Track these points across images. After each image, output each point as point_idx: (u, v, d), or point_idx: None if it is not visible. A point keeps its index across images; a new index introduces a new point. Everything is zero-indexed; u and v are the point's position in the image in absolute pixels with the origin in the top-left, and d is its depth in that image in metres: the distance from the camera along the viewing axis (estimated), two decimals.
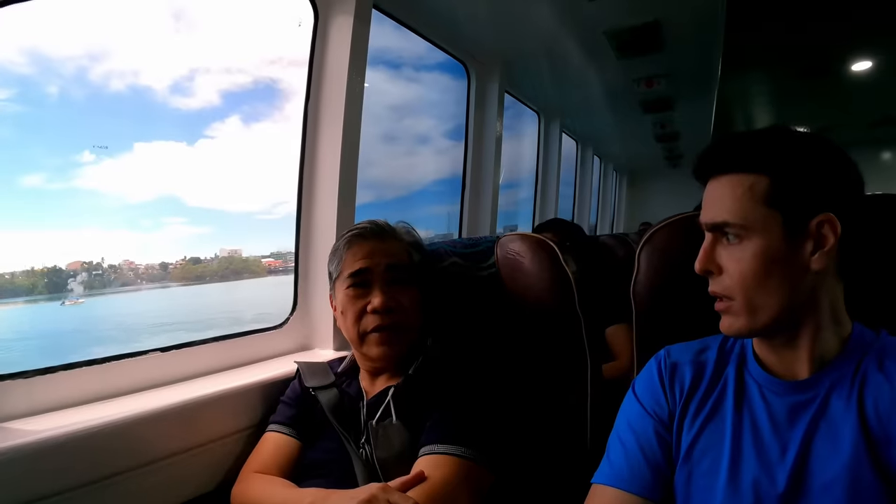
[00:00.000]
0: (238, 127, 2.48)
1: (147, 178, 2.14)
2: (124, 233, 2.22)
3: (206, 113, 2.32)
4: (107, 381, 1.42)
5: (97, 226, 2.07)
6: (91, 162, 1.99)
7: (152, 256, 2.50)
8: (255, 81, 2.42)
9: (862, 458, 0.82)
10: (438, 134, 4.17)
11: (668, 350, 1.07)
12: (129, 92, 1.99)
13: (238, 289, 3.02)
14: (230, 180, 2.50)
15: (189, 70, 2.18)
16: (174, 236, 2.48)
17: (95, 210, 2.08)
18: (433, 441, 1.19)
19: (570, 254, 1.44)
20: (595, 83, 4.23)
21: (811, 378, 0.90)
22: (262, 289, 3.02)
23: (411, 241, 1.45)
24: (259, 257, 3.10)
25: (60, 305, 2.20)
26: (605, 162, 8.16)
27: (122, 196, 2.14)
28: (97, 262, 2.19)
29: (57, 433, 1.14)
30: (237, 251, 2.97)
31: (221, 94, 2.32)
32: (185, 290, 2.70)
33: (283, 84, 2.46)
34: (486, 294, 1.51)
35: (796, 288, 0.87)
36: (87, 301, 2.24)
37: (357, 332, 1.36)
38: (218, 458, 1.44)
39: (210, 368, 1.65)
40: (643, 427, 1.01)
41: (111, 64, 1.92)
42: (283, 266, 3.04)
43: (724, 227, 0.90)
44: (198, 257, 2.77)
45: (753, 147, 0.91)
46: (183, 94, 2.19)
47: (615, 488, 0.98)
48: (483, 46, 3.28)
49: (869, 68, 5.02)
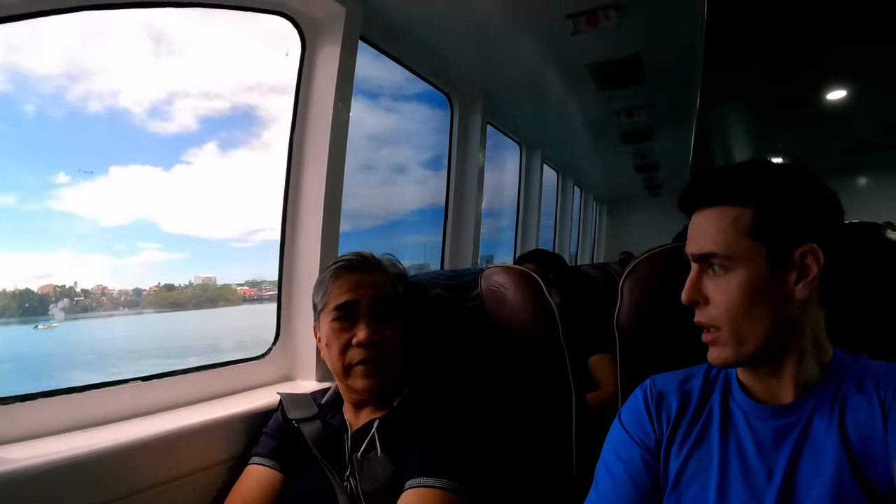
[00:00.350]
0: (215, 153, 2.48)
1: (122, 202, 2.13)
2: (96, 257, 2.20)
3: (184, 138, 2.31)
4: (86, 410, 1.40)
5: (70, 249, 2.05)
6: (66, 184, 1.98)
7: (126, 282, 2.47)
8: (234, 108, 2.42)
9: (845, 477, 0.83)
10: (416, 164, 4.18)
11: (654, 380, 1.08)
12: (107, 114, 1.99)
13: (214, 317, 2.99)
14: (206, 207, 2.49)
15: (167, 94, 2.18)
16: (147, 261, 2.46)
17: (68, 233, 2.06)
18: (418, 474, 1.18)
19: (554, 285, 1.46)
20: (576, 114, 4.28)
21: (794, 402, 0.92)
22: (239, 318, 3.00)
23: (396, 272, 1.45)
24: (234, 285, 3.08)
25: (34, 329, 2.16)
26: (585, 192, 8.24)
27: (96, 219, 2.12)
28: (70, 287, 2.16)
29: (34, 463, 1.12)
30: (212, 279, 2.93)
31: (199, 119, 2.32)
32: (159, 317, 2.67)
33: (261, 111, 2.47)
34: (470, 326, 1.52)
35: (781, 317, 0.89)
36: (61, 326, 2.20)
37: (342, 365, 1.34)
38: (199, 491, 1.41)
39: (191, 398, 1.63)
40: (630, 455, 1.02)
41: (89, 85, 1.92)
42: (257, 295, 3.04)
43: (710, 257, 0.92)
44: (172, 284, 2.74)
45: (737, 180, 0.92)
46: (161, 118, 2.18)
47: None
48: (466, 78, 3.32)
49: (843, 97, 5.12)
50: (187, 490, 1.38)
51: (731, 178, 0.93)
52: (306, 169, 2.05)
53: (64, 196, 2.01)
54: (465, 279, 1.55)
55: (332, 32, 2.04)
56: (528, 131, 4.69)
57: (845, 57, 4.15)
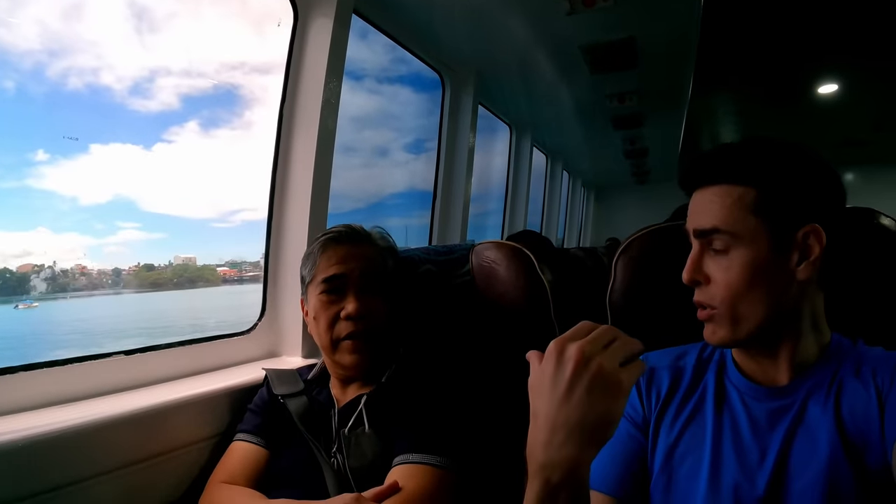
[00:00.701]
0: (196, 132, 2.43)
1: (102, 180, 2.09)
2: (75, 236, 2.16)
3: (165, 116, 2.26)
4: (68, 384, 1.37)
5: (48, 227, 2.01)
6: (45, 161, 1.94)
7: (104, 261, 2.43)
8: (216, 86, 2.37)
9: (839, 462, 0.83)
10: (398, 147, 4.17)
11: (646, 356, 1.06)
12: (88, 91, 1.94)
13: (195, 298, 2.96)
14: (186, 186, 2.44)
15: (149, 71, 2.13)
16: (126, 241, 2.41)
17: (47, 211, 2.02)
18: (407, 450, 1.17)
19: (546, 262, 1.44)
20: (567, 98, 4.26)
21: (789, 385, 0.91)
22: (220, 298, 2.97)
23: (386, 246, 1.43)
24: (214, 266, 3.05)
25: (14, 308, 2.13)
26: (573, 177, 8.24)
27: (76, 198, 2.08)
28: (49, 266, 2.12)
29: (13, 437, 1.08)
30: (192, 259, 2.89)
31: (181, 97, 2.27)
32: (141, 296, 2.64)
33: (244, 90, 2.43)
34: (460, 302, 1.50)
35: (781, 298, 0.88)
36: (42, 305, 2.17)
37: (330, 339, 1.33)
38: (183, 468, 1.39)
39: (175, 373, 1.60)
40: (620, 431, 0.99)
41: (70, 61, 1.87)
42: (238, 276, 3.02)
43: (712, 233, 0.90)
44: (151, 264, 2.70)
45: (742, 158, 0.91)
46: (142, 95, 2.14)
47: (591, 490, 0.97)
48: (458, 56, 3.29)
49: (834, 92, 5.15)
50: (170, 467, 1.36)
51: (735, 155, 0.92)
52: (295, 144, 2.02)
53: (43, 174, 1.97)
54: (456, 255, 1.53)
55: (326, 4, 2.00)
56: (519, 113, 4.66)
57: (839, 52, 4.17)
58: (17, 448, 1.07)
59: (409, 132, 4.07)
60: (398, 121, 4.11)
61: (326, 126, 2.01)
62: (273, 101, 2.03)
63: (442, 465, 1.15)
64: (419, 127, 3.47)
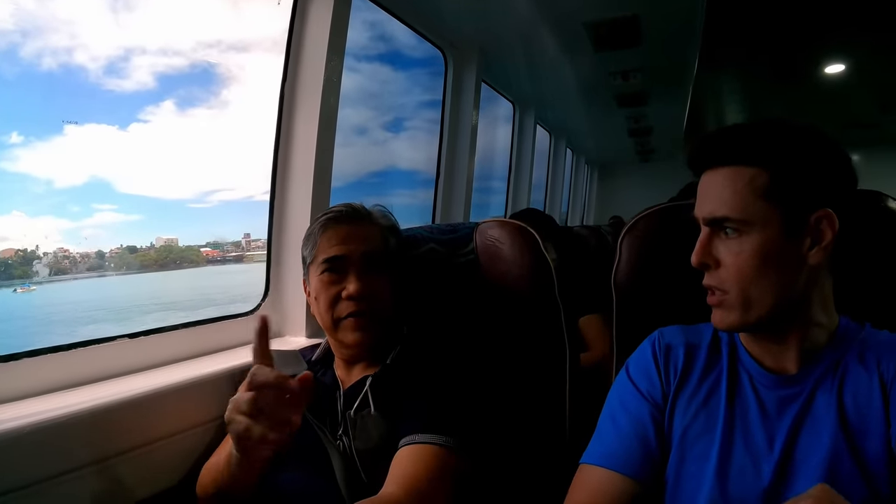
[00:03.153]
0: (173, 112, 2.41)
1: (77, 162, 2.07)
2: (51, 219, 2.14)
3: (141, 96, 2.23)
4: (71, 369, 1.36)
5: (22, 212, 1.99)
6: (19, 144, 1.92)
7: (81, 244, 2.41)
8: (192, 65, 2.34)
9: (841, 449, 0.83)
10: (377, 126, 4.13)
11: (662, 332, 1.06)
12: (62, 72, 1.92)
13: (188, 277, 2.95)
14: (162, 167, 2.42)
15: (124, 50, 2.10)
16: (103, 223, 2.40)
17: (21, 195, 2.00)
18: (413, 431, 1.16)
19: (551, 241, 1.43)
20: (571, 75, 4.22)
21: (798, 373, 0.91)
22: (217, 278, 2.97)
23: (387, 225, 1.41)
24: (197, 247, 3.04)
25: (13, 293, 2.13)
26: (577, 155, 8.21)
27: (51, 181, 2.06)
28: (31, 250, 2.10)
29: (18, 425, 1.08)
30: (173, 240, 2.88)
31: (157, 76, 2.24)
32: (135, 277, 2.63)
33: (220, 69, 2.40)
34: (464, 281, 1.49)
35: (791, 283, 0.87)
36: (38, 288, 2.17)
37: (331, 319, 1.31)
38: (186, 450, 1.38)
39: (178, 356, 1.59)
40: (638, 409, 1.00)
41: (44, 41, 1.84)
42: (220, 256, 3.02)
43: (723, 222, 0.89)
44: (134, 246, 2.68)
45: (754, 139, 0.89)
46: (117, 75, 2.11)
47: (606, 469, 0.97)
48: (461, 33, 3.25)
49: (841, 72, 5.09)
50: (173, 450, 1.35)
51: (747, 136, 0.90)
52: (297, 123, 2.00)
53: (17, 156, 1.94)
54: (460, 233, 1.51)
55: None
56: (523, 90, 4.62)
57: (846, 31, 4.12)
58: (21, 436, 1.07)
59: (388, 111, 4.04)
60: (376, 99, 4.07)
61: (328, 104, 1.98)
62: (250, 79, 2.00)
63: (449, 446, 1.14)
64: (398, 106, 3.46)
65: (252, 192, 2.55)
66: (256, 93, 2.30)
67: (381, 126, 4.11)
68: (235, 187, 1.96)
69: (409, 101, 3.37)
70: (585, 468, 1.00)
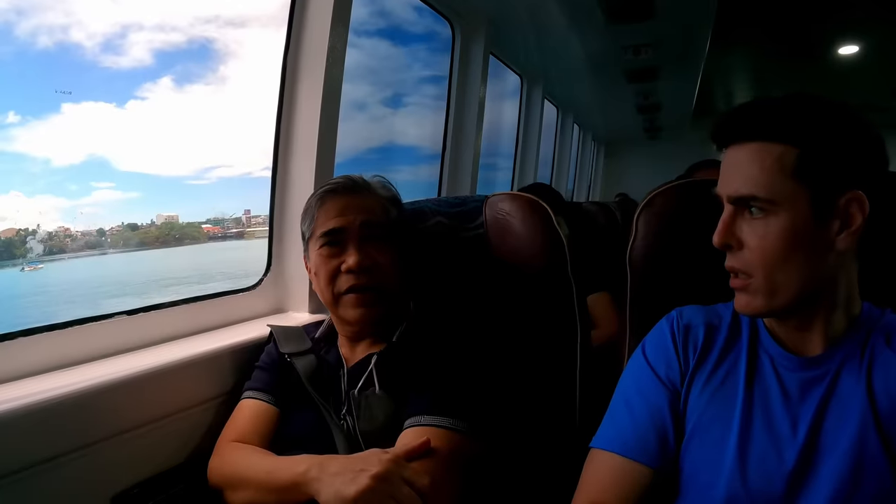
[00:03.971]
0: (170, 88, 2.37)
1: (74, 140, 2.04)
2: (49, 198, 2.11)
3: (138, 73, 2.20)
4: (69, 348, 1.32)
5: (20, 191, 1.96)
6: (16, 123, 1.88)
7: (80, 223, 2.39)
8: (190, 41, 2.30)
9: (869, 434, 0.80)
10: (375, 101, 4.09)
11: (681, 311, 1.02)
12: (58, 49, 1.87)
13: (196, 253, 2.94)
14: (160, 144, 2.40)
15: (121, 27, 2.06)
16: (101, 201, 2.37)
17: (18, 174, 1.97)
18: (419, 412, 1.13)
19: (563, 216, 1.38)
20: (581, 48, 4.16)
21: (823, 354, 0.87)
22: (228, 253, 2.96)
23: (388, 195, 1.37)
24: (198, 223, 3.02)
25: (20, 271, 2.12)
26: (584, 131, 8.15)
27: (48, 160, 2.02)
28: (33, 230, 2.08)
29: (14, 406, 1.04)
30: (174, 217, 2.86)
31: (154, 53, 2.21)
32: (142, 254, 2.62)
33: (218, 45, 2.35)
34: (472, 256, 1.45)
35: (818, 267, 0.83)
36: (45, 266, 2.15)
37: (331, 294, 1.28)
38: (188, 429, 1.35)
39: (179, 332, 1.56)
40: (656, 395, 0.97)
41: (39, 19, 1.80)
42: (221, 232, 2.99)
43: (749, 200, 0.84)
44: (135, 223, 2.66)
45: (784, 115, 0.84)
46: (114, 52, 2.07)
47: (618, 454, 0.94)
48: (469, 3, 3.18)
49: (854, 53, 5.02)
50: (175, 429, 1.32)
51: (777, 111, 0.85)
52: (300, 94, 1.93)
53: (14, 136, 1.91)
54: (469, 207, 1.47)
55: None
56: (531, 63, 4.55)
57: (862, 12, 4.06)
58: (17, 417, 1.03)
59: (386, 86, 4.00)
60: (375, 75, 4.03)
61: (332, 75, 1.92)
62: (248, 55, 1.95)
63: (456, 429, 1.11)
64: (397, 81, 3.40)
65: (250, 169, 2.53)
66: (255, 69, 2.27)
67: (380, 102, 4.07)
68: (234, 164, 1.92)
69: (408, 76, 3.33)
70: (598, 453, 0.97)
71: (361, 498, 0.96)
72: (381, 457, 1.01)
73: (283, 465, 1.11)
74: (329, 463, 1.04)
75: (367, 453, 1.05)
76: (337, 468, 1.02)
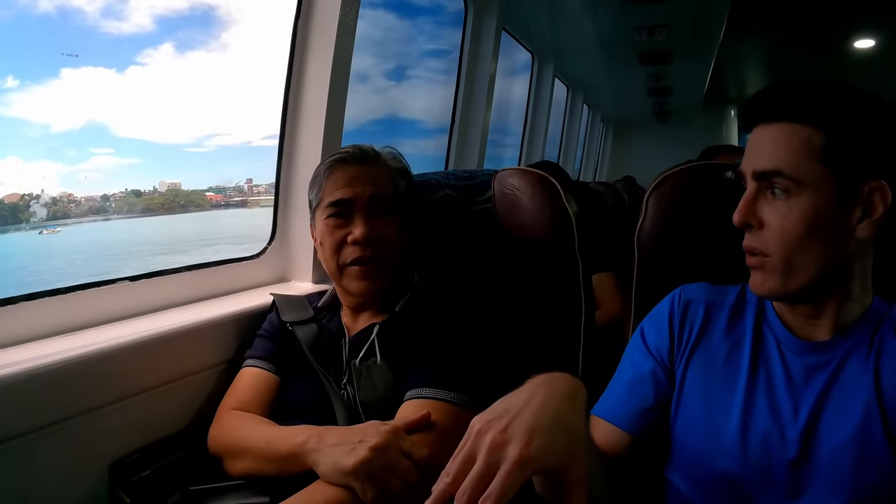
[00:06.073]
0: (171, 54, 2.35)
1: (73, 106, 2.04)
2: (47, 164, 2.11)
3: (139, 38, 2.18)
4: (71, 313, 1.32)
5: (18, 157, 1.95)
6: (15, 88, 1.87)
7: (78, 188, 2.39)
8: (192, 7, 2.28)
9: (873, 424, 0.80)
10: (378, 73, 4.10)
11: (685, 288, 1.02)
12: (58, 14, 1.86)
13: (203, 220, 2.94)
14: (160, 110, 2.38)
15: None
16: (99, 167, 2.36)
17: (17, 139, 1.96)
18: (419, 384, 1.13)
19: (572, 193, 1.37)
20: (594, 27, 4.14)
21: (830, 341, 0.87)
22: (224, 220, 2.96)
23: (398, 167, 1.35)
24: (201, 191, 3.01)
25: (39, 234, 2.11)
26: (593, 111, 8.12)
27: (47, 125, 2.02)
28: (37, 195, 2.07)
29: (16, 370, 1.04)
30: (177, 184, 2.85)
31: (156, 18, 2.18)
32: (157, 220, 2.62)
33: (220, 11, 2.33)
34: (479, 230, 1.44)
35: (836, 254, 0.83)
36: (63, 230, 2.15)
37: (336, 265, 1.27)
38: (189, 396, 1.36)
39: (181, 299, 1.55)
40: (641, 365, 0.99)
41: None
42: (224, 200, 3.02)
43: (773, 176, 0.83)
44: (138, 190, 2.65)
45: (814, 98, 0.83)
46: (115, 17, 2.05)
47: (607, 421, 0.97)
48: None
49: (871, 47, 4.96)
50: (176, 395, 1.32)
51: (807, 94, 0.84)
52: (310, 62, 1.91)
53: (13, 101, 1.90)
54: (478, 180, 1.46)
55: None
56: (544, 40, 4.52)
57: (882, 5, 4.00)
58: (18, 381, 1.03)
59: (390, 58, 4.04)
60: (380, 47, 4.07)
61: (343, 44, 1.89)
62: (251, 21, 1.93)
63: (456, 402, 1.11)
64: (400, 54, 3.40)
65: (250, 138, 2.52)
66: (257, 36, 2.25)
67: (382, 74, 4.06)
68: (233, 132, 1.91)
69: (412, 49, 3.30)
70: (592, 418, 0.99)
71: (360, 469, 0.96)
72: (379, 428, 1.01)
73: (283, 435, 1.11)
74: (328, 434, 1.04)
75: (366, 425, 1.05)
76: (336, 439, 1.02)
